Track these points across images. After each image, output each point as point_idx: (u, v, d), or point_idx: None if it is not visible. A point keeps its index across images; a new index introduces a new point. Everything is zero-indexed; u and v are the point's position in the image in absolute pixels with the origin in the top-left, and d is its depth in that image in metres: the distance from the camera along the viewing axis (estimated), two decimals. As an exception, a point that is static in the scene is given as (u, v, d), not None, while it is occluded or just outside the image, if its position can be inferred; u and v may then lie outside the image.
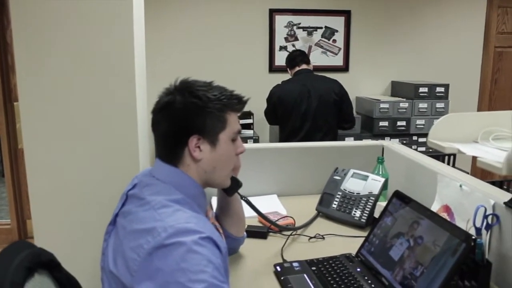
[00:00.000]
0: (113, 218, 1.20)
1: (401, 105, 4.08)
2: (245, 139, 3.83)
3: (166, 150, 1.21)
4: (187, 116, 1.17)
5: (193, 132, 1.16)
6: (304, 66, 3.49)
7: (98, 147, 1.83)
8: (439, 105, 4.12)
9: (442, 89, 4.14)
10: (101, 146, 1.83)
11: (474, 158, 1.26)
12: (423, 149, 3.98)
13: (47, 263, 1.13)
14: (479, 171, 4.45)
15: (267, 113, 3.56)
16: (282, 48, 4.35)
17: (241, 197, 1.47)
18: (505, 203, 1.40)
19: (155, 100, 1.23)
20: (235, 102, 1.22)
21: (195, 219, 1.07)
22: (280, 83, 3.47)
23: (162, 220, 1.04)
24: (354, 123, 3.55)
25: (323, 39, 4.41)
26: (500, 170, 0.91)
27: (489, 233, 1.45)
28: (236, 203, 1.48)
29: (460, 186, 1.61)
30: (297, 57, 3.54)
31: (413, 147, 3.91)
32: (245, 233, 1.57)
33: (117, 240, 1.12)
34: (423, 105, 4.10)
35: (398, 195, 1.50)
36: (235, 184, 1.37)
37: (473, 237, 1.17)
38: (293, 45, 4.34)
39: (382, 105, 4.05)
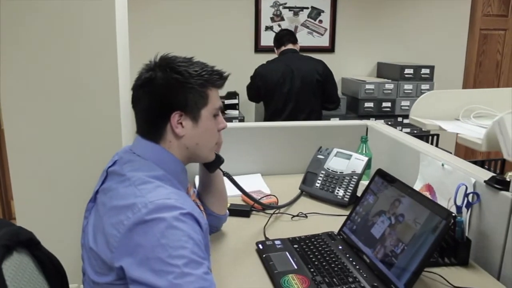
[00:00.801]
0: (93, 196, 1.20)
1: (387, 86, 4.08)
2: (230, 119, 3.82)
3: (147, 126, 1.19)
4: (168, 92, 1.16)
5: (175, 108, 1.15)
6: (290, 46, 3.47)
7: (80, 126, 1.81)
8: (424, 86, 4.12)
9: (428, 71, 4.15)
10: (83, 125, 1.81)
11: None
12: (408, 130, 3.99)
13: (26, 242, 1.11)
14: (463, 151, 4.50)
15: (249, 88, 3.56)
16: (268, 28, 4.31)
17: (223, 173, 1.46)
18: (485, 181, 1.41)
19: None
20: (217, 78, 1.21)
21: (175, 195, 1.07)
22: (265, 62, 3.46)
23: (143, 196, 1.03)
24: (338, 104, 3.55)
25: (309, 19, 4.38)
26: (480, 146, 0.91)
27: (469, 211, 1.46)
28: (218, 180, 1.47)
29: (442, 165, 1.62)
30: (284, 37, 3.52)
31: (398, 128, 3.91)
32: (227, 211, 1.57)
33: (97, 217, 1.11)
34: (408, 86, 4.11)
35: (380, 173, 1.50)
36: (217, 160, 1.36)
37: (453, 215, 1.17)
38: (279, 25, 4.31)
39: (367, 86, 4.05)
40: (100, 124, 1.82)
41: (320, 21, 4.39)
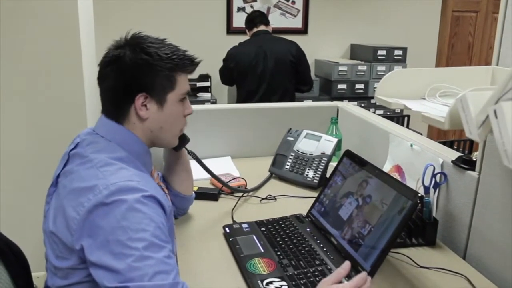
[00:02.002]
0: (54, 180, 1.16)
1: (360, 68, 4.08)
2: (202, 102, 3.78)
3: (111, 106, 1.16)
4: (135, 73, 1.12)
5: (140, 90, 1.12)
6: (262, 27, 3.43)
7: (42, 110, 1.75)
8: (397, 68, 4.13)
9: (400, 52, 4.16)
10: (46, 109, 1.76)
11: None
12: (381, 112, 4.00)
13: (-18, 231, 1.08)
14: (436, 132, 4.53)
15: (222, 72, 3.53)
16: (240, 9, 4.25)
17: (188, 151, 1.44)
18: (452, 161, 1.41)
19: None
20: (187, 63, 1.18)
21: (138, 177, 1.05)
22: (237, 44, 3.41)
23: (105, 178, 1.01)
24: (311, 86, 3.54)
25: (281, 0, 4.33)
26: (443, 124, 0.90)
27: (437, 191, 1.46)
28: (183, 160, 1.46)
29: (411, 145, 1.62)
30: (256, 18, 3.49)
31: (371, 109, 3.92)
32: (193, 192, 1.55)
33: (58, 200, 1.09)
34: (381, 68, 4.11)
35: (348, 154, 1.48)
36: (183, 138, 1.34)
37: (420, 195, 1.16)
38: (251, 6, 4.25)
39: (340, 68, 4.03)
40: (63, 108, 1.77)
41: (293, 2, 4.35)
